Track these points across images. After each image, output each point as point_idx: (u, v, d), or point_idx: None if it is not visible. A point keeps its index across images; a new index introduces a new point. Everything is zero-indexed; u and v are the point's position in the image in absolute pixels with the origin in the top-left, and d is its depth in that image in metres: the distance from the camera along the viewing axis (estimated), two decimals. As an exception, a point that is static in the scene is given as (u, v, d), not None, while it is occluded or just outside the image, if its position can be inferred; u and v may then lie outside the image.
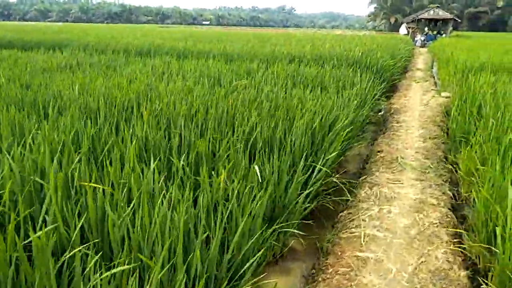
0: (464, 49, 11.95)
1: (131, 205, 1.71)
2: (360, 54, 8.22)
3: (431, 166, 4.10)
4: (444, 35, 29.03)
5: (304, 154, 2.94)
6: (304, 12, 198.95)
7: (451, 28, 30.64)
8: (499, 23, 61.05)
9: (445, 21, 31.21)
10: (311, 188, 2.72)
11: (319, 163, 3.02)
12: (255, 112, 3.51)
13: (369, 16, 72.78)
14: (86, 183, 1.68)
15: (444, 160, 4.38)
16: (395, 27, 54.56)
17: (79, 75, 5.24)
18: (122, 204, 1.73)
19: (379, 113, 7.16)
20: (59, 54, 7.59)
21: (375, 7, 68.92)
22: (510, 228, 2.02)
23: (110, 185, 1.95)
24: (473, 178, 3.40)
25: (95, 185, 1.69)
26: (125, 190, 1.91)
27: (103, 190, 1.74)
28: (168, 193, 1.91)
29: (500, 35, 33.44)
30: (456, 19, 32.14)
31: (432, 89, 8.59)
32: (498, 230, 2.05)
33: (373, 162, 4.35)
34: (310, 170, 2.99)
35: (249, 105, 3.76)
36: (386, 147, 4.80)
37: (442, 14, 30.49)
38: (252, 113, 3.43)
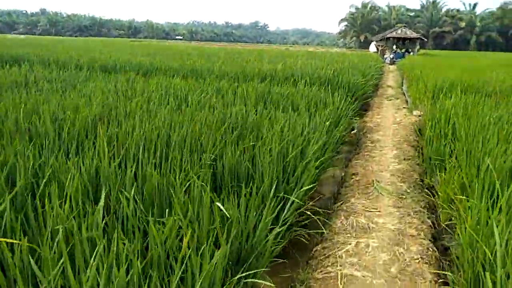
0: (432, 68, 12.18)
1: (60, 263, 1.39)
2: (332, 72, 8.14)
3: (408, 191, 3.93)
4: (412, 53, 29.93)
5: (275, 185, 2.68)
6: (277, 28, 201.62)
7: (418, 47, 31.68)
8: (462, 42, 64.00)
9: (412, 40, 32.25)
10: (283, 224, 2.46)
11: (292, 194, 2.77)
12: (222, 136, 3.24)
13: (340, 33, 74.73)
14: (2, 239, 1.35)
15: (421, 183, 4.23)
16: (364, 44, 56.12)
17: (32, 94, 4.82)
18: (51, 264, 1.40)
19: (353, 131, 7.05)
20: (15, 70, 7.10)
21: (345, 25, 70.88)
22: (500, 274, 1.82)
23: (41, 235, 1.61)
24: (452, 206, 3.24)
25: (12, 241, 1.35)
26: (58, 240, 1.58)
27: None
28: (113, 243, 1.59)
29: (464, 53, 34.87)
30: (423, 38, 33.31)
31: (404, 107, 8.60)
32: (487, 275, 1.84)
33: (348, 187, 4.14)
34: (282, 202, 2.73)
35: (215, 128, 3.48)
36: (361, 169, 4.63)
37: (409, 33, 31.52)
38: (218, 138, 3.16)
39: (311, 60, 11.75)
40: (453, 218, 3.19)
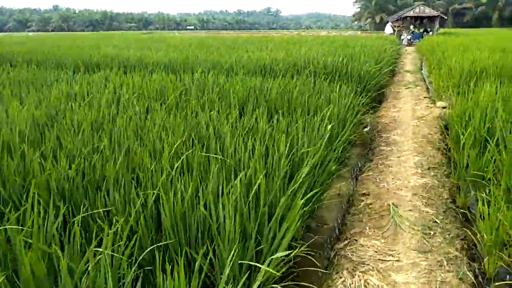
0: (455, 49, 10.90)
1: None
2: (340, 59, 7.07)
3: (437, 220, 2.93)
4: (431, 32, 28.18)
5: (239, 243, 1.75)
6: (290, 13, 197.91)
7: (437, 26, 29.81)
8: (483, 19, 60.82)
9: (431, 18, 30.38)
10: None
11: (268, 255, 1.83)
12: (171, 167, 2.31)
13: (354, 16, 72.22)
14: None
15: (452, 206, 3.22)
16: (380, 26, 53.88)
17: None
18: None
19: (365, 129, 6.02)
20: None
21: (359, 6, 68.39)
22: None
23: None
24: (503, 253, 2.25)
25: None
26: None
27: None
28: None
29: (488, 31, 32.74)
30: (443, 16, 31.37)
31: (425, 97, 7.48)
32: None
33: (356, 214, 3.17)
34: (248, 272, 1.80)
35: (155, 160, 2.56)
36: (373, 186, 3.64)
37: (428, 11, 29.64)
38: (159, 176, 2.23)
39: (318, 46, 10.63)
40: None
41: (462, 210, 3.15)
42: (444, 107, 6.30)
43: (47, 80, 5.86)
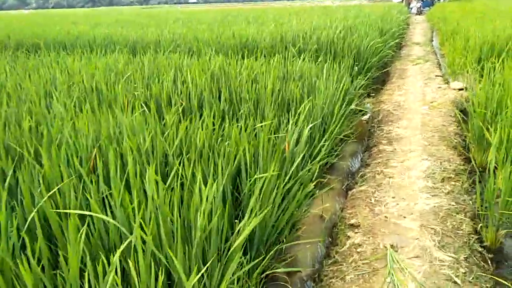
0: (472, 17, 9.61)
1: None
2: (337, 33, 5.94)
3: (457, 279, 1.96)
4: (442, 0, 26.33)
5: None
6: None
7: (449, -8, 27.83)
8: (499, -16, 57.57)
9: (442, -16, 28.36)
10: None
11: None
12: None
13: (361, -16, 69.16)
14: None
15: (478, 247, 2.24)
16: (389, -5, 51.25)
17: None
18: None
19: (363, 117, 4.99)
20: None
21: (367, -26, 65.33)
22: None
23: None
24: None
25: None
26: None
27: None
28: None
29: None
30: (455, -19, 29.28)
31: (436, 75, 6.35)
32: None
33: (338, 262, 2.21)
34: None
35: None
36: (366, 210, 2.66)
37: (439, -24, 27.60)
38: None
39: (316, 18, 9.42)
40: None
41: (491, 255, 2.18)
42: (460, 89, 5.21)
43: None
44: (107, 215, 1.57)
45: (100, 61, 4.83)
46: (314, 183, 2.78)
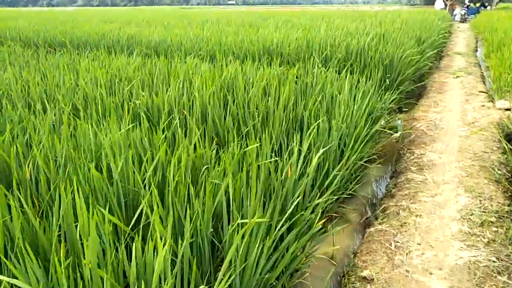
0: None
1: None
2: (369, 40, 5.44)
3: None
4: (488, 7, 24.90)
5: None
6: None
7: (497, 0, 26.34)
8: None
9: (490, -10, 26.88)
10: None
11: None
12: None
13: (403, -11, 67.15)
14: None
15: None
16: (431, 1, 49.46)
17: None
18: None
19: (394, 135, 4.48)
20: None
21: (409, -21, 63.38)
22: None
23: None
24: None
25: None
26: None
27: None
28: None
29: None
30: (504, -12, 27.69)
31: (479, 91, 5.71)
32: None
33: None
34: None
35: None
36: (384, 259, 2.21)
37: (487, -18, 26.14)
38: None
39: (346, 22, 8.88)
40: None
41: None
42: (507, 109, 4.60)
43: None
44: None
45: (115, 63, 4.60)
46: (324, 219, 2.36)
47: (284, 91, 3.06)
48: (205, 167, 1.93)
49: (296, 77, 3.87)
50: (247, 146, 2.47)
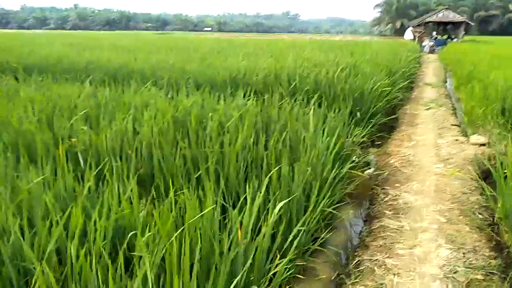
0: (489, 61, 8.92)
1: None
2: (338, 72, 5.22)
3: None
4: (455, 39, 25.94)
5: None
6: (310, 18, 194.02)
7: (463, 32, 27.45)
8: (511, 27, 57.56)
9: (455, 24, 28.04)
10: None
11: None
12: None
13: (374, 21, 69.76)
14: None
15: None
16: (401, 32, 51.44)
17: None
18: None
19: (368, 171, 4.18)
20: None
21: (380, 11, 66.02)
22: None
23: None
24: None
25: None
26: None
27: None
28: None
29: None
30: (469, 22, 29.04)
31: (452, 124, 5.56)
32: None
33: None
34: None
35: None
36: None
37: (452, 16, 27.33)
38: None
39: (316, 52, 8.78)
40: None
41: None
42: (482, 144, 4.41)
43: None
44: None
45: (62, 92, 4.16)
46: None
47: (244, 128, 2.71)
48: (132, 232, 1.52)
49: (261, 110, 3.54)
50: (199, 192, 2.08)
